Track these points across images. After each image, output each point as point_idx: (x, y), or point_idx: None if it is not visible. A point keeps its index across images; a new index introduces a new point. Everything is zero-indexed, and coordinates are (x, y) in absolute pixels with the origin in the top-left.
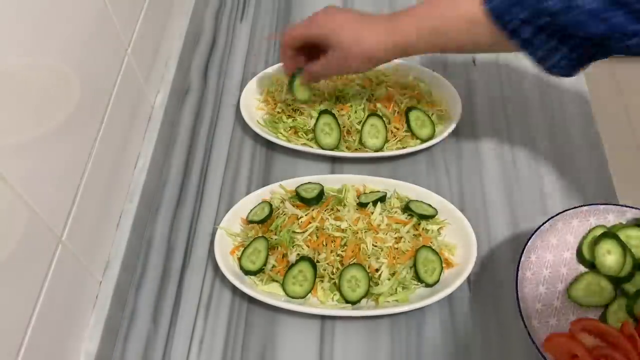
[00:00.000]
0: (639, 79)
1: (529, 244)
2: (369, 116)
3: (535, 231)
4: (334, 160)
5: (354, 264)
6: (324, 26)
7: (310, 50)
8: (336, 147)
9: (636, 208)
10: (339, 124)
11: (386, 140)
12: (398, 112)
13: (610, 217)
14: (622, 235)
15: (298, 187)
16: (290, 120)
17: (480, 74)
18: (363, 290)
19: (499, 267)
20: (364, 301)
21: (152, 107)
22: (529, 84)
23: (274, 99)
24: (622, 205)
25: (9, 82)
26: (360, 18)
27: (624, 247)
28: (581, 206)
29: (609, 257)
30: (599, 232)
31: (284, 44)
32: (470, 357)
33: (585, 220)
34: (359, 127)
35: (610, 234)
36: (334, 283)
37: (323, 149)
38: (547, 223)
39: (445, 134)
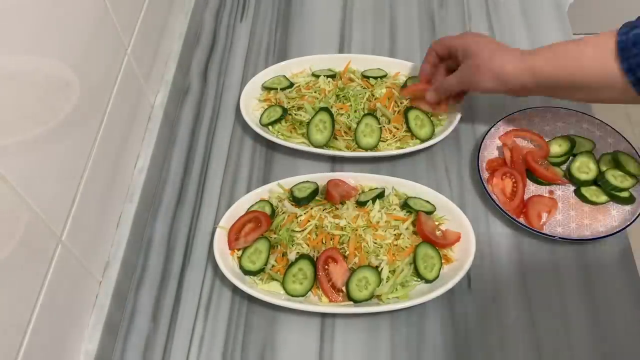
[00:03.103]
0: None
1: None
2: (364, 116)
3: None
4: (334, 159)
5: (367, 265)
6: (467, 39)
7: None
8: (325, 145)
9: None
10: (333, 124)
11: (380, 140)
12: (398, 112)
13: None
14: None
15: (293, 186)
16: (292, 113)
17: None
18: (370, 292)
19: (498, 262)
20: None
21: (152, 107)
22: None
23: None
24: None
25: (9, 82)
26: (501, 44)
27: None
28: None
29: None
30: None
31: (431, 48)
32: (470, 353)
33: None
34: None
35: None
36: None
37: (313, 145)
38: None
39: (445, 133)
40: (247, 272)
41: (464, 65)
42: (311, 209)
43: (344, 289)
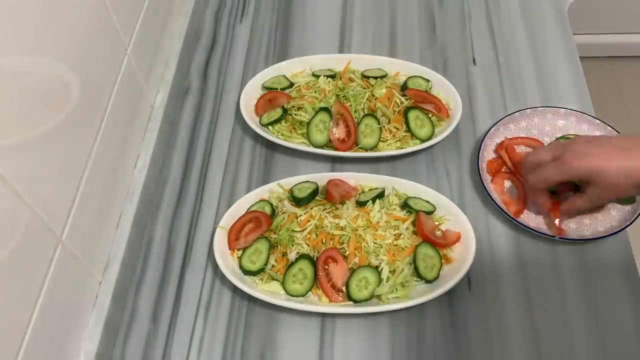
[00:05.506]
0: (639, 79)
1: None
2: (364, 116)
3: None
4: (334, 160)
5: (367, 265)
6: (580, 166)
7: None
8: (325, 145)
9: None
10: None
11: (380, 140)
12: (398, 112)
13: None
14: None
15: (293, 186)
16: (292, 113)
17: (480, 74)
18: (370, 292)
19: (498, 262)
20: None
21: (152, 107)
22: (529, 83)
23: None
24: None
25: (9, 82)
26: (623, 145)
27: None
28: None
29: None
30: None
31: (537, 188)
32: (469, 353)
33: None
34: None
35: None
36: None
37: (313, 145)
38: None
39: (445, 133)
40: (247, 272)
41: (592, 191)
42: (311, 209)
43: (344, 289)
